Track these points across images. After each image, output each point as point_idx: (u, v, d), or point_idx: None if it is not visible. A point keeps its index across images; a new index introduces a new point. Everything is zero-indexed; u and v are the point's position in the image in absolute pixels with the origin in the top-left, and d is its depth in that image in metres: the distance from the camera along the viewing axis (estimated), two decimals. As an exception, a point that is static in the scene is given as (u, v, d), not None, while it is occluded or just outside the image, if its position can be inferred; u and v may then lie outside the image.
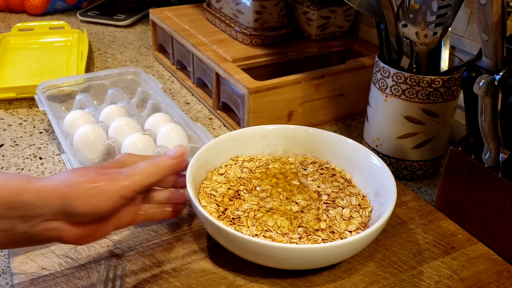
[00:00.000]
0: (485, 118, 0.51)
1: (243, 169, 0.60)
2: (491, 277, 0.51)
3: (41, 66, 0.97)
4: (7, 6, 1.29)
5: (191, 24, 0.94)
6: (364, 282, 0.50)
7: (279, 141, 0.63)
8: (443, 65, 0.66)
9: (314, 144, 0.62)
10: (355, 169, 0.60)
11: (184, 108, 0.87)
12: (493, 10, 0.45)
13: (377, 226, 0.48)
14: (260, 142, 0.63)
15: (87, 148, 0.67)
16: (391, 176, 0.54)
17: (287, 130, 0.63)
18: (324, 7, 0.85)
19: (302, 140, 0.63)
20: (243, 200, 0.55)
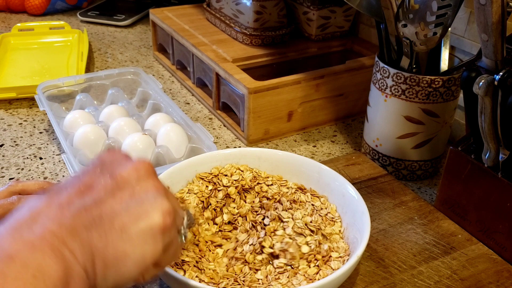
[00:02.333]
0: (485, 118, 0.51)
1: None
2: (491, 277, 0.51)
3: (41, 66, 0.97)
4: (7, 6, 1.29)
5: (191, 24, 0.94)
6: (364, 282, 0.50)
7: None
8: (443, 65, 0.66)
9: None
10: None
11: (184, 108, 0.87)
12: (493, 10, 0.45)
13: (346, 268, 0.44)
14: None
15: (87, 148, 0.67)
16: (366, 210, 0.50)
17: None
18: (324, 7, 0.85)
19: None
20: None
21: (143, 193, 0.33)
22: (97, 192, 0.32)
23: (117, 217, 0.32)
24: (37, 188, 0.54)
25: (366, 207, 0.50)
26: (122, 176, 0.34)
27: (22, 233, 0.29)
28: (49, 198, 0.32)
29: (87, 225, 0.31)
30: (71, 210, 0.31)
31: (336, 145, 0.77)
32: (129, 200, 0.33)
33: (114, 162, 0.35)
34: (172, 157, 0.66)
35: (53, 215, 0.30)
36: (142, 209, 0.33)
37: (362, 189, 0.62)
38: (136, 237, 0.32)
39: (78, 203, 0.32)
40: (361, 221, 0.49)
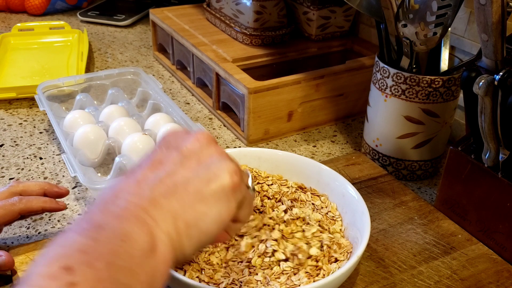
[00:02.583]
0: (485, 118, 0.51)
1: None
2: (491, 277, 0.51)
3: (41, 66, 0.97)
4: (7, 6, 1.29)
5: (191, 24, 0.94)
6: (364, 282, 0.50)
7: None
8: (443, 65, 0.66)
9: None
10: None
11: (184, 108, 0.87)
12: (493, 10, 0.45)
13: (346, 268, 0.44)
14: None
15: (87, 148, 0.67)
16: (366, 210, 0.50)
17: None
18: (324, 7, 0.85)
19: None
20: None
21: (208, 158, 0.37)
22: (168, 165, 0.36)
23: (190, 183, 0.35)
24: (38, 189, 0.54)
25: (366, 207, 0.50)
26: (187, 148, 0.38)
27: (108, 207, 0.33)
28: (127, 177, 0.36)
29: (164, 193, 0.34)
30: (148, 183, 0.35)
31: (336, 145, 0.77)
32: (197, 167, 0.36)
33: (177, 138, 0.39)
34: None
35: (132, 190, 0.34)
36: (210, 172, 0.36)
37: (362, 189, 0.62)
38: (210, 197, 0.35)
39: (153, 176, 0.35)
40: (361, 221, 0.49)
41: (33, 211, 0.52)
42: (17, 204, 0.51)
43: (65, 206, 0.55)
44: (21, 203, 0.51)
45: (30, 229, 0.58)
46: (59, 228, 0.58)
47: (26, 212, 0.52)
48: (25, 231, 0.58)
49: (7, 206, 0.51)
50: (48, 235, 0.57)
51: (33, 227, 0.58)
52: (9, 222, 0.51)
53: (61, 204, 0.55)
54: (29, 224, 0.59)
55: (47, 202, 0.53)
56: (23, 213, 0.52)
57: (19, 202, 0.51)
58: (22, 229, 0.58)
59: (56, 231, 0.58)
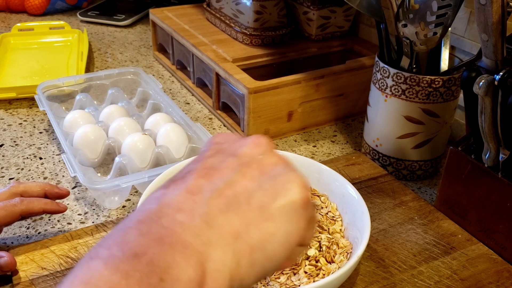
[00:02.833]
0: (485, 118, 0.51)
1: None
2: (491, 277, 0.51)
3: (41, 66, 0.97)
4: (7, 6, 1.29)
5: (191, 24, 0.94)
6: (364, 282, 0.50)
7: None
8: (443, 65, 0.66)
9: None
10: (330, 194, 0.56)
11: (184, 108, 0.87)
12: (493, 10, 0.45)
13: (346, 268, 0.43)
14: None
15: (87, 148, 0.67)
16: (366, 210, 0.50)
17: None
18: (324, 7, 0.85)
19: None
20: None
21: (272, 167, 0.31)
22: (225, 172, 0.30)
23: (254, 196, 0.29)
24: (38, 190, 0.55)
25: (366, 207, 0.50)
26: (245, 153, 0.31)
27: (150, 227, 0.26)
28: (175, 185, 0.29)
29: (223, 208, 0.28)
30: (203, 196, 0.28)
31: (336, 145, 0.77)
32: (261, 177, 0.30)
33: (230, 141, 0.33)
34: (172, 157, 0.66)
35: (183, 205, 0.27)
36: (277, 184, 0.30)
37: (362, 189, 0.62)
38: (278, 214, 0.29)
39: (208, 186, 0.29)
40: (361, 221, 0.49)
41: (34, 213, 0.53)
42: (18, 205, 0.51)
43: (65, 208, 0.55)
44: (22, 205, 0.51)
45: (30, 229, 0.58)
46: (58, 228, 0.58)
47: (27, 213, 0.52)
48: (25, 231, 0.58)
49: (8, 207, 0.51)
50: (48, 235, 0.57)
51: (33, 227, 0.58)
52: (10, 223, 0.51)
53: (62, 206, 0.55)
54: (29, 224, 0.59)
55: (48, 204, 0.53)
56: (24, 215, 0.52)
57: (20, 203, 0.51)
58: (22, 229, 0.58)
59: (56, 231, 0.58)
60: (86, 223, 0.60)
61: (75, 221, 0.60)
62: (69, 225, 0.59)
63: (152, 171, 0.60)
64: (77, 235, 0.55)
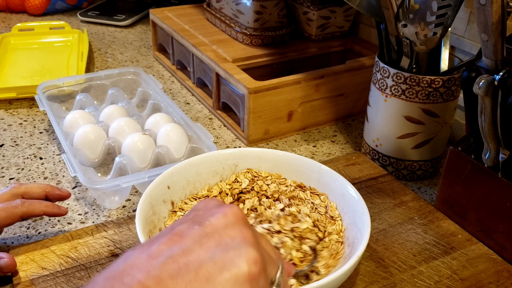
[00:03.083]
0: (485, 118, 0.51)
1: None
2: (491, 277, 0.51)
3: (41, 66, 0.97)
4: (7, 6, 1.29)
5: (191, 24, 0.94)
6: (364, 282, 0.50)
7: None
8: (443, 65, 0.66)
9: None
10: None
11: (184, 108, 0.87)
12: (493, 10, 0.45)
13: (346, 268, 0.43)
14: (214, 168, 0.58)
15: (87, 148, 0.67)
16: (366, 210, 0.50)
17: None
18: (324, 7, 0.85)
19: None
20: None
21: (230, 240, 0.33)
22: (186, 241, 0.32)
23: (203, 267, 0.31)
24: (40, 191, 0.55)
25: (366, 207, 0.50)
26: (211, 223, 0.34)
27: (113, 283, 0.30)
28: (142, 248, 0.33)
29: (173, 274, 0.30)
30: (159, 260, 0.31)
31: (336, 145, 0.77)
32: (215, 248, 0.32)
33: (206, 209, 0.36)
34: (172, 157, 0.66)
35: (142, 265, 0.31)
36: (227, 257, 0.32)
37: (362, 189, 0.62)
38: (221, 287, 0.31)
39: (167, 252, 0.32)
40: (361, 221, 0.49)
41: (35, 215, 0.53)
42: (19, 207, 0.51)
43: (66, 211, 0.55)
44: (23, 207, 0.51)
45: (30, 229, 0.58)
46: (59, 228, 0.58)
47: (28, 215, 0.52)
48: (25, 231, 0.58)
49: (9, 208, 0.51)
50: (48, 235, 0.57)
51: (33, 227, 0.58)
52: (10, 224, 0.51)
53: (63, 209, 0.55)
54: (29, 224, 0.59)
55: (49, 206, 0.53)
56: (25, 216, 0.52)
57: (21, 205, 0.51)
58: (22, 229, 0.58)
59: (56, 231, 0.58)
60: (86, 223, 0.60)
61: (75, 221, 0.60)
62: (69, 225, 0.59)
63: (152, 171, 0.60)
64: (77, 235, 0.55)
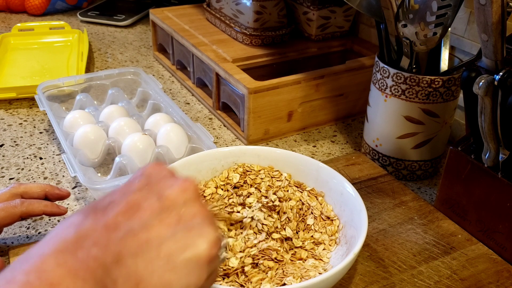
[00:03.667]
0: (485, 118, 0.51)
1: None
2: (491, 277, 0.51)
3: (41, 66, 0.97)
4: (7, 6, 1.29)
5: (191, 24, 0.94)
6: (364, 282, 0.50)
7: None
8: (443, 65, 0.66)
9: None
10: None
11: (184, 108, 0.87)
12: (493, 10, 0.45)
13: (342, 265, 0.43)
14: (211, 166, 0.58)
15: (87, 148, 0.67)
16: (363, 208, 0.50)
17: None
18: (324, 7, 0.85)
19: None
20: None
21: (190, 218, 0.32)
22: (145, 214, 0.31)
23: (164, 244, 0.31)
24: (39, 191, 0.55)
25: (363, 204, 0.50)
26: (170, 198, 0.33)
27: (66, 258, 0.28)
28: (95, 216, 0.30)
29: (133, 251, 0.30)
30: (118, 234, 0.30)
31: (336, 145, 0.77)
32: (176, 226, 0.32)
33: (160, 179, 0.34)
34: (172, 157, 0.66)
35: (99, 239, 0.29)
36: (189, 237, 0.32)
37: (362, 189, 0.62)
38: (182, 266, 0.31)
39: (125, 225, 0.30)
40: (359, 219, 0.49)
41: (34, 215, 0.53)
42: (18, 207, 0.51)
43: (66, 211, 0.55)
44: (23, 206, 0.51)
45: (30, 229, 0.58)
46: (59, 228, 0.58)
47: (27, 215, 0.52)
48: (25, 231, 0.58)
49: (8, 208, 0.51)
50: (48, 235, 0.57)
51: (33, 227, 0.58)
52: (10, 224, 0.51)
53: (62, 208, 0.55)
54: (29, 224, 0.59)
55: (49, 206, 0.53)
56: (24, 216, 0.52)
57: (20, 205, 0.51)
58: (22, 229, 0.58)
59: (56, 231, 0.58)
60: (86, 223, 0.59)
61: (75, 221, 0.60)
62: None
63: (152, 171, 0.60)
64: (77, 235, 0.55)
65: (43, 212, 0.53)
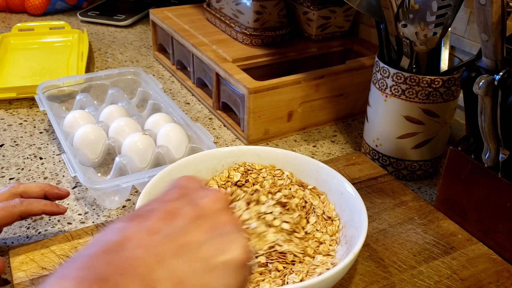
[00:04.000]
0: (485, 118, 0.51)
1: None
2: (491, 277, 0.51)
3: (41, 66, 0.97)
4: (7, 6, 1.29)
5: (191, 24, 0.94)
6: (364, 282, 0.50)
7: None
8: (443, 65, 0.66)
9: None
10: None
11: (184, 108, 0.87)
12: (493, 10, 0.45)
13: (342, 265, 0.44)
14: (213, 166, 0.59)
15: (87, 148, 0.67)
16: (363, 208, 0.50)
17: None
18: (324, 7, 0.85)
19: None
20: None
21: (223, 225, 0.34)
22: (182, 220, 0.33)
23: (202, 248, 0.32)
24: (38, 190, 0.55)
25: (363, 204, 0.50)
26: (204, 207, 0.34)
27: (113, 257, 0.29)
28: (137, 222, 0.32)
29: (174, 253, 0.31)
30: (159, 237, 0.31)
31: (336, 145, 0.77)
32: (211, 232, 0.33)
33: (194, 190, 0.36)
34: (172, 157, 0.66)
35: (141, 241, 0.31)
36: (223, 242, 0.33)
37: (362, 189, 0.62)
38: (219, 269, 0.32)
39: (166, 229, 0.32)
40: (359, 219, 0.49)
41: (34, 214, 0.53)
42: (18, 206, 0.51)
43: (65, 210, 0.55)
44: (22, 206, 0.51)
45: (30, 229, 0.58)
46: (59, 228, 0.58)
47: (27, 214, 0.52)
48: (25, 231, 0.58)
49: (8, 208, 0.51)
50: (48, 235, 0.57)
51: (33, 227, 0.58)
52: (9, 223, 0.51)
53: (62, 207, 0.55)
54: (29, 224, 0.59)
55: (48, 205, 0.53)
56: (24, 216, 0.52)
57: (20, 204, 0.51)
58: (22, 229, 0.58)
59: (56, 231, 0.58)
60: (86, 223, 0.60)
61: (75, 221, 0.60)
62: (69, 225, 0.59)
63: (152, 171, 0.60)
64: (77, 235, 0.55)
65: (43, 211, 0.53)
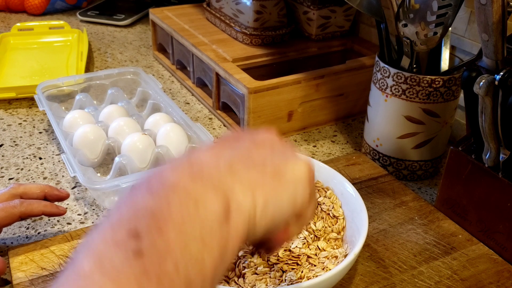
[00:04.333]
0: (485, 118, 0.50)
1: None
2: (491, 277, 0.51)
3: (41, 66, 0.97)
4: (7, 6, 1.28)
5: (191, 24, 0.94)
6: (364, 282, 0.50)
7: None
8: (444, 65, 0.66)
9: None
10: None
11: (184, 108, 0.87)
12: (494, 10, 0.45)
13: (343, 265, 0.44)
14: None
15: (87, 148, 0.67)
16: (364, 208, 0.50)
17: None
18: (324, 6, 0.85)
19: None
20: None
21: (283, 149, 0.35)
22: (242, 144, 0.34)
23: (268, 162, 0.33)
24: (38, 191, 0.55)
25: (364, 205, 0.50)
26: (260, 139, 0.35)
27: (183, 170, 0.30)
28: (199, 151, 0.33)
29: (244, 165, 0.32)
30: (226, 156, 0.32)
31: (336, 145, 0.77)
32: (273, 152, 0.34)
33: (245, 133, 0.37)
34: (172, 157, 0.66)
35: (210, 160, 0.31)
36: (287, 157, 0.34)
37: (363, 189, 0.62)
38: (288, 179, 0.33)
39: (230, 151, 0.33)
40: (359, 219, 0.49)
41: (34, 215, 0.53)
42: (18, 207, 0.51)
43: (65, 211, 0.55)
44: (22, 207, 0.51)
45: (30, 229, 0.58)
46: (58, 229, 0.58)
47: (26, 215, 0.52)
48: (25, 231, 0.58)
49: (8, 208, 0.51)
50: (48, 235, 0.57)
51: (33, 227, 0.58)
52: (9, 224, 0.51)
53: (61, 209, 0.55)
54: (28, 224, 0.59)
55: (48, 206, 0.53)
56: (23, 216, 0.52)
57: (20, 205, 0.51)
58: (22, 229, 0.58)
59: (55, 231, 0.58)
60: (86, 223, 0.59)
61: (75, 221, 0.60)
62: (69, 225, 0.59)
63: (152, 171, 0.60)
64: (77, 235, 0.55)
65: (42, 212, 0.53)
